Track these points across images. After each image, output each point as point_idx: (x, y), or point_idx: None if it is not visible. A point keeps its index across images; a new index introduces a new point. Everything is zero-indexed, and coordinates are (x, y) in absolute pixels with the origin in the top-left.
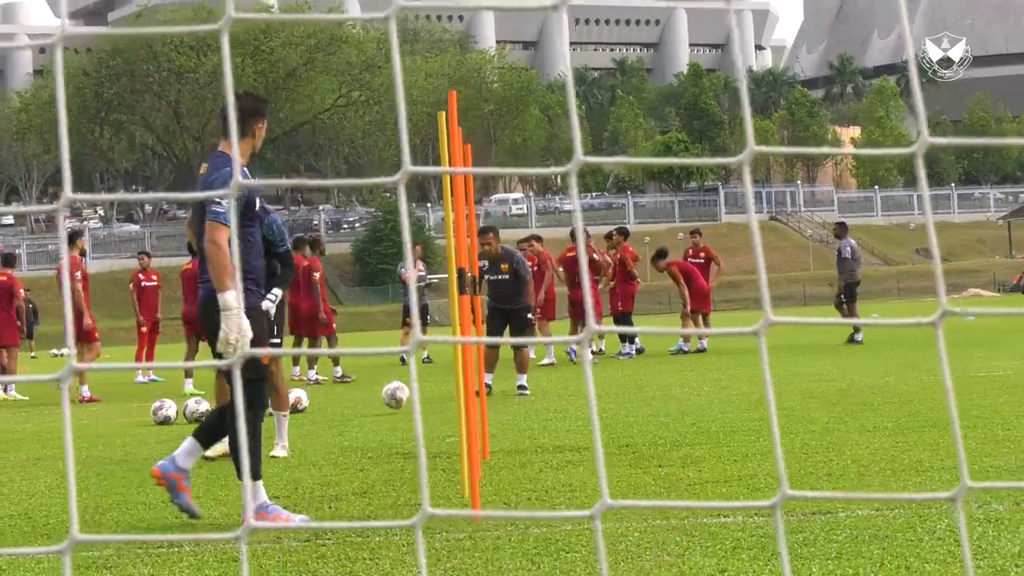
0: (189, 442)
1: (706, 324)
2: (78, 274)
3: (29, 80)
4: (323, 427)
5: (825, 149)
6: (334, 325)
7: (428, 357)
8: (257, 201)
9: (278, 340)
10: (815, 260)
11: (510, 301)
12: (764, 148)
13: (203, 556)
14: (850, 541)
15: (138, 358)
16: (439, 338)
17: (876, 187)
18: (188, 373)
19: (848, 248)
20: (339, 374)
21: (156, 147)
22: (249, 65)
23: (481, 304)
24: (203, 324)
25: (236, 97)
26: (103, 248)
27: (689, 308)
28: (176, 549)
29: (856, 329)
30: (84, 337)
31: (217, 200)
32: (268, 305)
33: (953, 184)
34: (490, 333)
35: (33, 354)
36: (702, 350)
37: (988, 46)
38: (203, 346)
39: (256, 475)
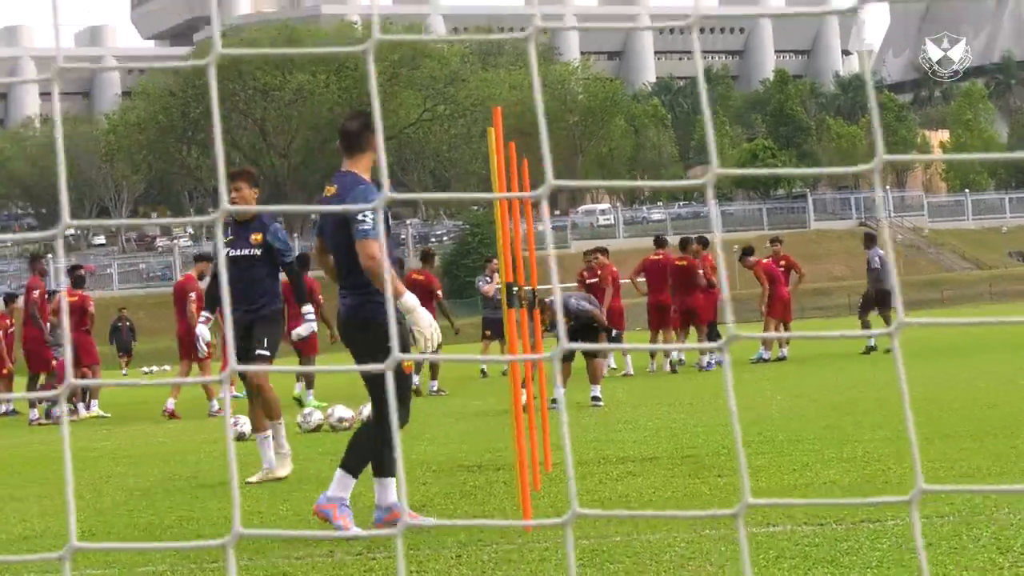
0: (338, 473)
1: (786, 331)
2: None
3: (117, 101)
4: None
5: (795, 171)
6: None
7: (484, 371)
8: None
9: (267, 352)
10: (906, 265)
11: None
12: (729, 171)
13: (253, 571)
14: (893, 550)
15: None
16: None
17: (967, 190)
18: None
19: (876, 258)
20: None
21: (243, 164)
22: (334, 82)
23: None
24: (348, 340)
25: (352, 116)
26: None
27: (767, 310)
28: (219, 564)
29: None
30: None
31: (361, 218)
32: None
33: None
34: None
35: (124, 371)
36: (782, 358)
37: None
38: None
39: (389, 473)
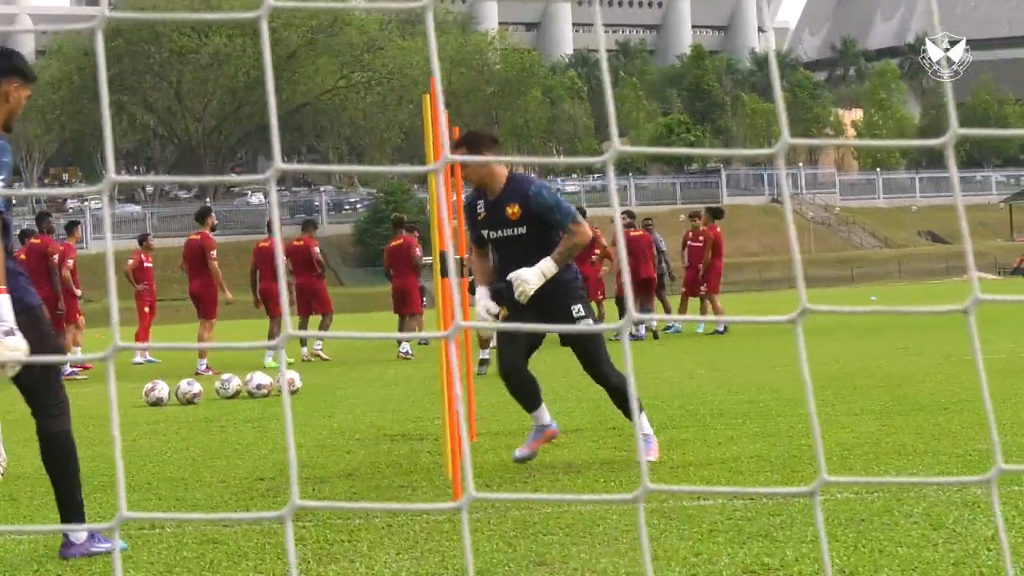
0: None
1: (702, 308)
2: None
3: (32, 60)
4: (314, 409)
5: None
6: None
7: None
8: None
9: None
10: (817, 243)
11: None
12: (629, 148)
13: (182, 537)
14: (826, 525)
15: (139, 338)
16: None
17: (878, 169)
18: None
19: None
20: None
21: (158, 128)
22: (250, 46)
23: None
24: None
25: None
26: (103, 228)
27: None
28: (157, 530)
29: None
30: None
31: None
32: None
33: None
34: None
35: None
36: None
37: (993, 29)
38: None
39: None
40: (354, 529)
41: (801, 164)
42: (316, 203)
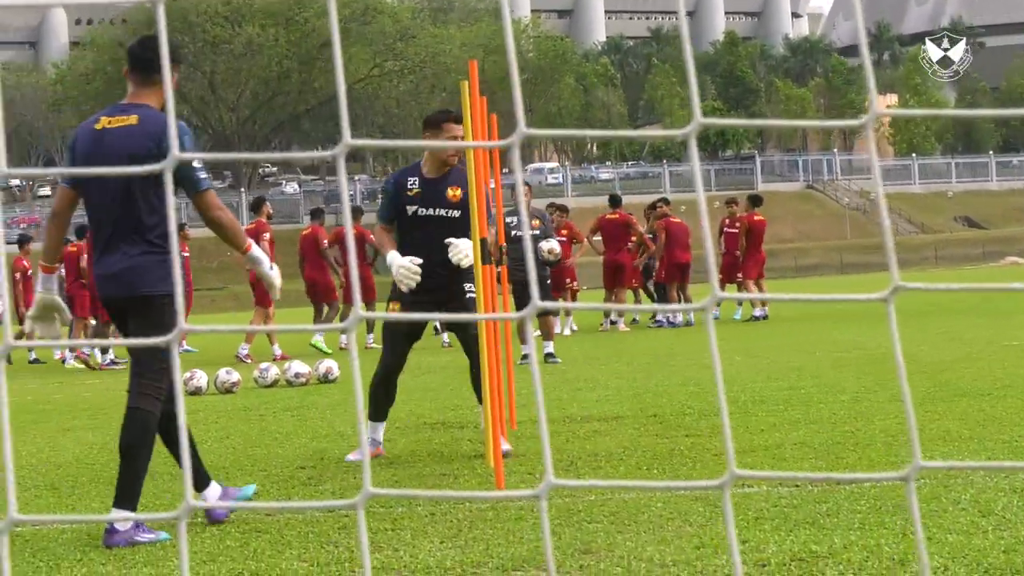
0: None
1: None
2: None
3: (65, 51)
4: (352, 397)
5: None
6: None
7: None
8: None
9: None
10: (853, 228)
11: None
12: (715, 120)
13: (226, 527)
14: (873, 512)
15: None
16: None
17: (914, 155)
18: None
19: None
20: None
21: (192, 118)
22: (283, 35)
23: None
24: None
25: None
26: None
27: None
28: (202, 520)
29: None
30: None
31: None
32: None
33: (991, 151)
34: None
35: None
36: (761, 317)
37: None
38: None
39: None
40: (397, 517)
41: (836, 150)
42: (351, 192)
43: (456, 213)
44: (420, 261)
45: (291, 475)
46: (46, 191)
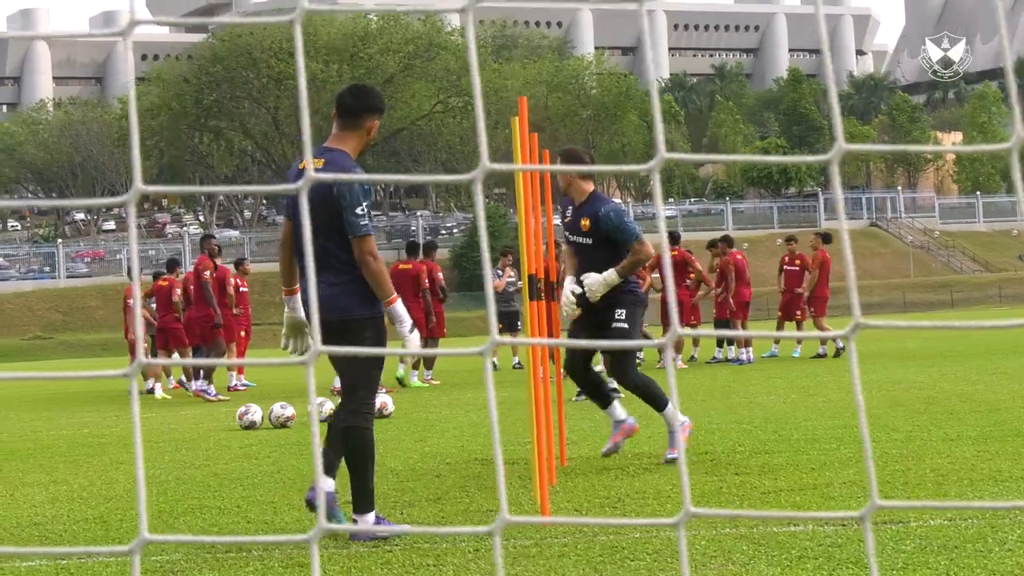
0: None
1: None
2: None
3: (130, 86)
4: (406, 433)
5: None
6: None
7: (519, 363)
8: None
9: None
10: (916, 267)
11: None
12: (675, 155)
13: (269, 561)
14: (918, 551)
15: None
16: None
17: (978, 193)
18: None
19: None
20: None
21: (255, 153)
22: (347, 71)
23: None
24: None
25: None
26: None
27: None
28: (244, 553)
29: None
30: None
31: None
32: None
33: None
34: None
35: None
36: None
37: None
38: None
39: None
40: (440, 553)
41: (900, 188)
42: (412, 227)
43: (588, 240)
44: (579, 290)
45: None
46: (110, 225)
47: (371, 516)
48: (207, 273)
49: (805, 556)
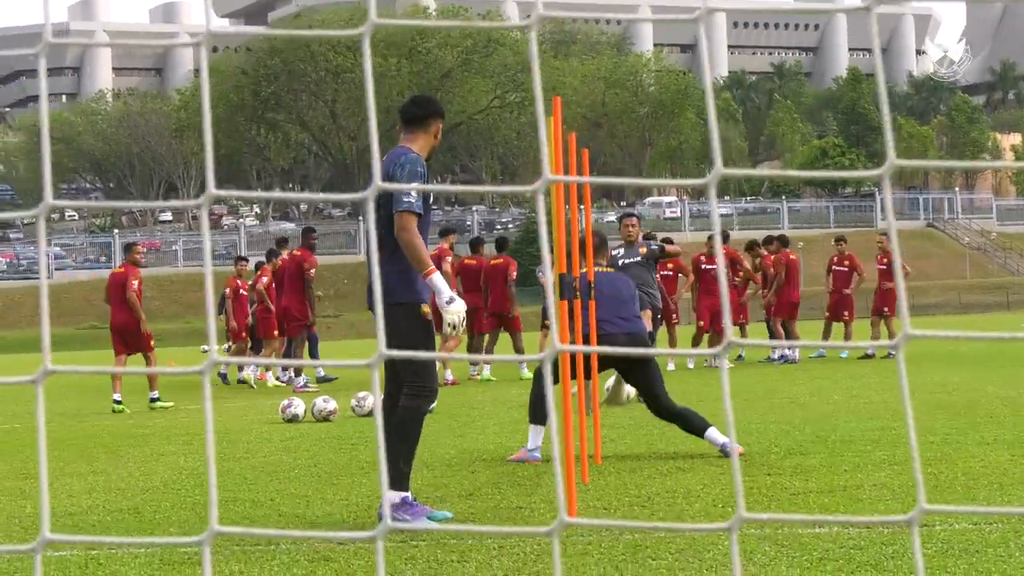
0: None
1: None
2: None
3: (189, 78)
4: (446, 428)
5: (788, 172)
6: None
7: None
8: None
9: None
10: (972, 268)
11: None
12: (732, 171)
13: (295, 555)
14: (939, 555)
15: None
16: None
17: None
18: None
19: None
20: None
21: (312, 146)
22: (405, 66)
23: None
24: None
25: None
26: (258, 245)
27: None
28: (272, 547)
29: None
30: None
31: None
32: None
33: None
34: None
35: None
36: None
37: None
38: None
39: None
40: (465, 549)
41: (957, 189)
42: (468, 222)
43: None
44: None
45: (371, 504)
46: (167, 216)
47: (395, 495)
48: (312, 272)
49: (826, 558)
